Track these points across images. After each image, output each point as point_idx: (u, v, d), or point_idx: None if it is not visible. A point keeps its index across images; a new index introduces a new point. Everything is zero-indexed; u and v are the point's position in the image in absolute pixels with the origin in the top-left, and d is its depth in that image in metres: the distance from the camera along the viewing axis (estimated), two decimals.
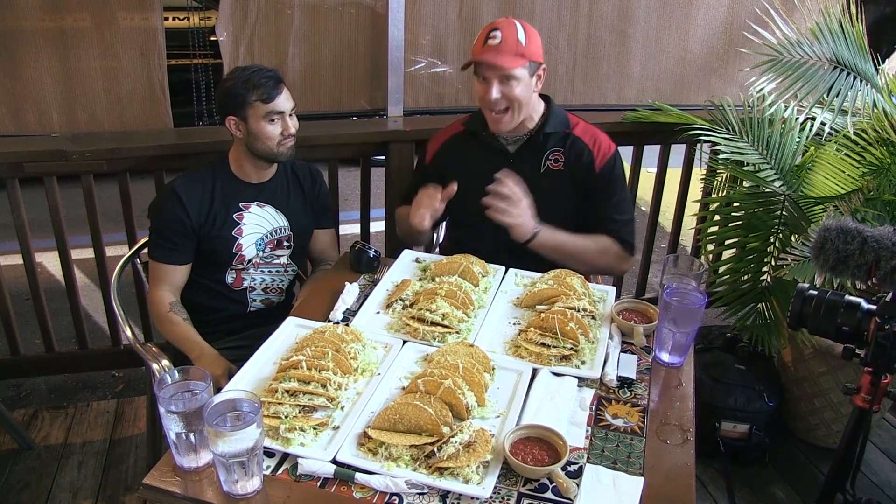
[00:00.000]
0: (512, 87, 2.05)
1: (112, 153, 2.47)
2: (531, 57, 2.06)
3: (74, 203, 2.63)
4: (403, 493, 1.31)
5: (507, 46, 2.03)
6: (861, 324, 1.45)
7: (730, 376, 2.62)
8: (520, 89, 2.06)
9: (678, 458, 1.44)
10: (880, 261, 1.38)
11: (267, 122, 2.04)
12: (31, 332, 2.85)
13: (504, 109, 2.10)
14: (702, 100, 3.14)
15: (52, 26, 2.45)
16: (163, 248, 2.09)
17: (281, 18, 2.67)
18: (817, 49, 2.59)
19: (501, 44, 2.02)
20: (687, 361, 1.73)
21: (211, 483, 1.34)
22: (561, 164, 2.21)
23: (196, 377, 1.38)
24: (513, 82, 2.05)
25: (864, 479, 2.60)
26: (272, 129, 2.05)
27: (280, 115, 2.05)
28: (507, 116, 2.11)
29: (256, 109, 2.02)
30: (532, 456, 1.37)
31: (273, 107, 2.03)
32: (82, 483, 2.48)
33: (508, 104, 2.09)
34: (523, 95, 2.08)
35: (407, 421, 1.41)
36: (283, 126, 2.06)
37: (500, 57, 2.02)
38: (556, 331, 1.69)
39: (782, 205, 2.52)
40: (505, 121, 2.12)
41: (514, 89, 2.05)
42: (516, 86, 2.05)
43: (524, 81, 2.06)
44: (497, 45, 2.03)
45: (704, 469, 2.60)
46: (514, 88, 2.05)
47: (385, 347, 1.73)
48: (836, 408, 2.62)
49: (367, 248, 2.11)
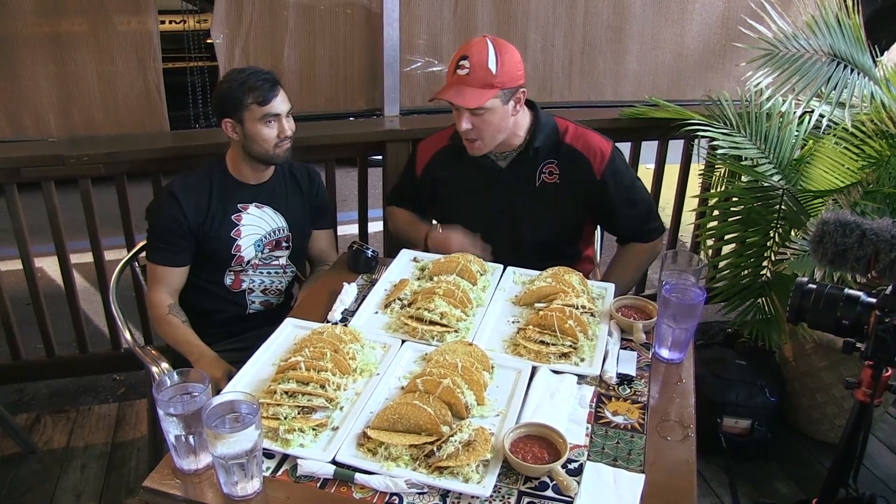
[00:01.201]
0: (483, 119, 1.99)
1: (109, 157, 2.48)
2: (503, 84, 1.97)
3: (73, 207, 2.63)
4: (403, 492, 1.31)
5: (474, 78, 1.95)
6: (861, 317, 1.44)
7: (731, 372, 2.62)
8: (491, 120, 2.00)
9: (679, 454, 1.44)
10: (879, 253, 1.37)
11: (263, 124, 2.03)
12: (32, 336, 2.86)
13: (474, 139, 2.06)
14: (699, 95, 3.13)
15: (47, 31, 2.44)
16: (161, 250, 2.09)
17: (276, 20, 2.67)
18: (814, 42, 2.58)
19: (469, 75, 1.95)
20: (687, 357, 1.72)
21: (211, 485, 1.33)
22: (556, 176, 2.17)
23: (194, 379, 1.38)
24: (484, 115, 1.99)
25: (866, 473, 2.59)
26: (268, 131, 2.04)
27: (276, 118, 2.04)
28: (479, 144, 2.07)
29: (252, 112, 2.02)
30: (532, 454, 1.36)
31: (269, 109, 2.02)
32: (85, 486, 2.48)
33: (478, 135, 2.04)
34: (494, 124, 2.02)
35: (406, 420, 1.41)
36: (280, 128, 2.06)
37: (465, 94, 1.95)
38: (555, 328, 1.69)
39: (781, 199, 2.51)
40: (476, 147, 2.08)
41: (483, 121, 2.00)
42: (488, 117, 1.99)
43: (497, 111, 2.00)
44: (465, 76, 1.95)
45: (706, 465, 2.60)
46: (484, 120, 2.00)
47: (384, 347, 1.72)
48: (839, 402, 2.61)
49: (364, 249, 2.11)
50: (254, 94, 2.00)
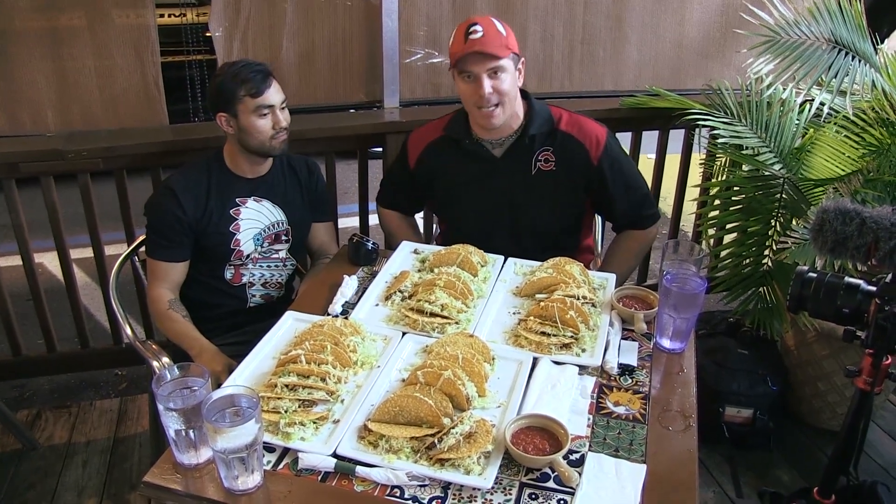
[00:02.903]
0: (502, 80, 2.00)
1: (108, 151, 2.47)
2: (513, 48, 2.02)
3: (72, 202, 2.63)
4: (405, 485, 1.30)
5: (489, 39, 1.97)
6: (861, 306, 1.44)
7: (733, 361, 2.61)
8: (508, 81, 2.02)
9: (680, 444, 1.44)
10: (879, 241, 1.37)
11: (257, 116, 2.02)
12: (33, 332, 2.86)
13: (496, 104, 2.04)
14: (699, 84, 3.11)
15: (44, 25, 2.43)
16: (160, 245, 2.08)
17: (274, 12, 2.65)
18: (815, 29, 2.57)
19: (484, 37, 1.96)
20: (688, 347, 1.72)
21: (212, 479, 1.33)
22: (552, 163, 2.16)
23: (194, 374, 1.38)
24: (502, 75, 2.00)
25: (868, 461, 2.59)
26: (263, 123, 2.03)
27: (270, 109, 2.03)
28: (499, 110, 2.05)
29: (246, 104, 2.01)
30: (533, 445, 1.36)
31: (262, 101, 2.01)
32: (87, 482, 2.48)
33: (499, 99, 2.03)
34: (511, 89, 2.04)
35: (407, 413, 1.41)
36: (274, 119, 2.05)
37: (489, 48, 1.97)
38: (556, 319, 1.68)
39: (782, 188, 2.50)
40: (497, 114, 2.05)
41: (504, 83, 2.00)
42: (506, 78, 2.00)
43: (511, 73, 2.02)
44: (480, 38, 1.97)
45: (709, 454, 2.60)
46: (504, 81, 2.00)
47: (384, 340, 1.72)
48: (840, 391, 2.61)
49: (365, 241, 2.10)
50: (246, 87, 1.99)
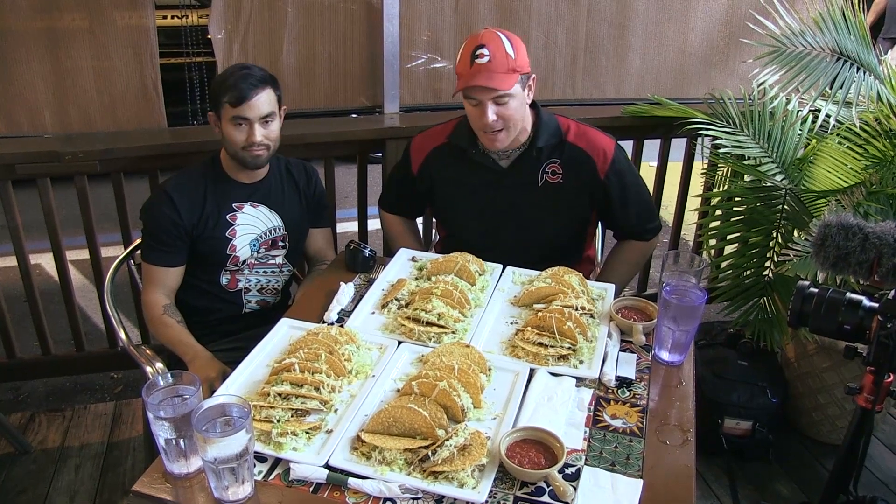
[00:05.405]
0: (508, 106, 1.94)
1: (105, 153, 2.45)
2: (521, 69, 1.94)
3: (69, 204, 2.61)
4: (397, 497, 1.29)
5: (497, 64, 1.89)
6: (863, 322, 1.41)
7: (732, 372, 2.59)
8: (514, 107, 1.96)
9: (678, 459, 1.42)
10: (882, 257, 1.34)
11: (233, 125, 1.98)
12: (28, 334, 2.84)
13: (500, 129, 1.99)
14: (702, 93, 3.10)
15: (43, 26, 2.42)
16: (155, 250, 2.06)
17: (275, 15, 2.64)
18: (820, 39, 2.56)
19: (491, 62, 1.89)
20: (687, 360, 1.70)
21: (202, 489, 1.32)
22: (559, 176, 2.13)
23: (186, 381, 1.36)
24: (509, 101, 1.94)
25: (868, 475, 2.57)
26: (236, 133, 1.99)
27: (246, 121, 1.97)
28: (503, 135, 2.01)
29: (226, 110, 1.97)
30: (529, 459, 1.35)
31: (238, 111, 1.96)
32: (79, 487, 2.46)
33: (504, 125, 1.98)
34: (518, 112, 1.98)
35: (401, 424, 1.39)
36: (249, 133, 1.98)
37: (494, 78, 1.89)
38: (554, 330, 1.66)
39: (784, 199, 2.48)
40: (500, 139, 2.01)
41: (510, 108, 1.95)
42: (512, 104, 1.94)
43: (518, 97, 1.96)
44: (487, 63, 1.89)
45: (708, 466, 2.58)
46: (510, 108, 1.94)
47: (380, 348, 1.70)
48: (841, 404, 2.59)
49: (362, 248, 2.09)
50: (229, 93, 1.95)
